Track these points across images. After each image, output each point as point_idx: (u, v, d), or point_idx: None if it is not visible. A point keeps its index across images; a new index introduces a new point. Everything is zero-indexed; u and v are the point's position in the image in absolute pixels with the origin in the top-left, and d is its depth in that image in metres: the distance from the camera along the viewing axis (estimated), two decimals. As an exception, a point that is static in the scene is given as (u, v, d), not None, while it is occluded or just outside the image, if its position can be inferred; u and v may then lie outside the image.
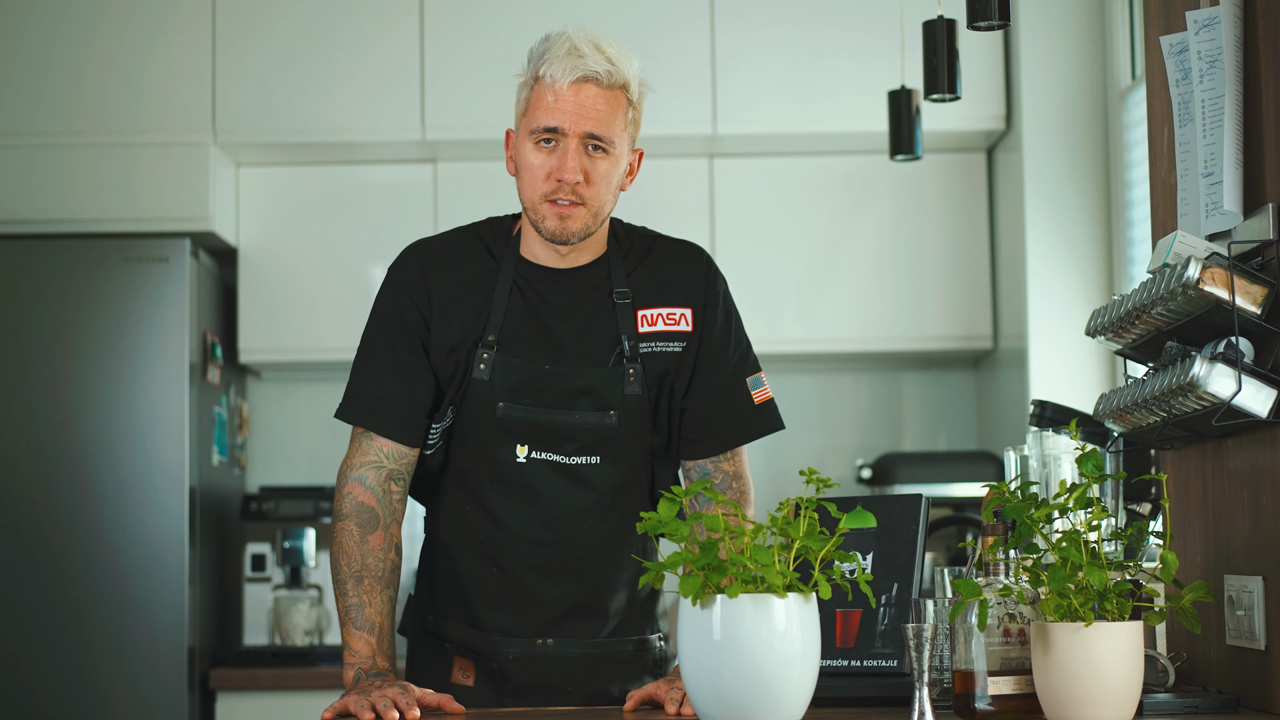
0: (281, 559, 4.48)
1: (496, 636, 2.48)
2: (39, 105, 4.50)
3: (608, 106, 2.39)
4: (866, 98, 4.36)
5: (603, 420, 2.44)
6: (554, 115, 2.38)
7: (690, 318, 2.50)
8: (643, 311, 2.48)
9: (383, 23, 4.58)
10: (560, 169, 2.38)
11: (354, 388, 2.50)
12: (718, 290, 2.54)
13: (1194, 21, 2.21)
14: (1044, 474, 2.50)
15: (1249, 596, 2.13)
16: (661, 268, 2.51)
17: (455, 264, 2.50)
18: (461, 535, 2.51)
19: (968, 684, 1.99)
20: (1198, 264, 2.08)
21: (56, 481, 4.22)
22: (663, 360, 2.47)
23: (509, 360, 2.43)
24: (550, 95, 2.38)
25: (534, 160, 2.40)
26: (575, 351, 2.46)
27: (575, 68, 2.37)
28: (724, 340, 2.54)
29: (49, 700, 4.16)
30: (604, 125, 2.39)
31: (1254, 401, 2.05)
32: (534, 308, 2.47)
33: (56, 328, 4.26)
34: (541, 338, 2.46)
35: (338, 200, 4.69)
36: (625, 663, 2.53)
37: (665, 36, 4.55)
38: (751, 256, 4.64)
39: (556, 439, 2.45)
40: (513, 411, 2.43)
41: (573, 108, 2.37)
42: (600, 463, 2.46)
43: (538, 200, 2.41)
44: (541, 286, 2.47)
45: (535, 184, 2.40)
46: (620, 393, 2.44)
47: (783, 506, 1.92)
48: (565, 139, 2.38)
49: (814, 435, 4.96)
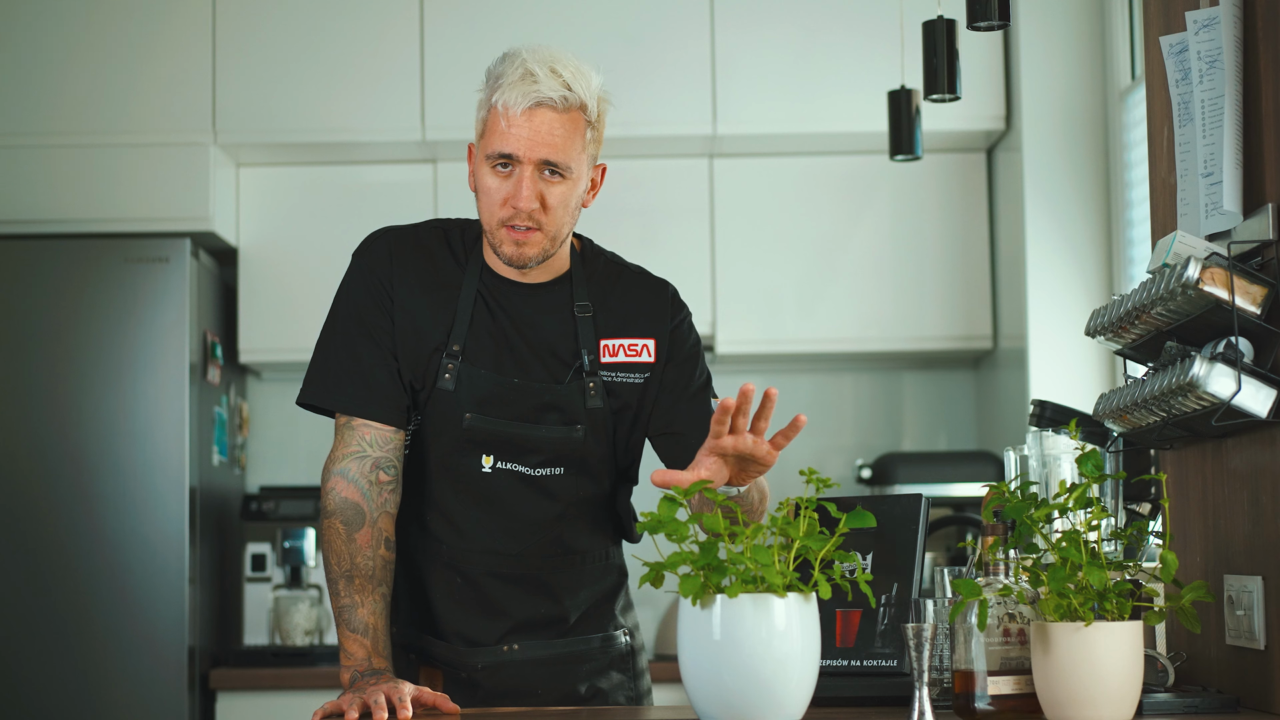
0: (281, 559, 4.49)
1: (462, 647, 2.46)
2: (39, 105, 4.50)
3: (564, 130, 2.33)
4: (866, 98, 4.36)
5: (570, 434, 2.42)
6: (508, 142, 2.32)
7: (653, 348, 2.47)
8: (605, 341, 2.45)
9: (383, 23, 4.58)
10: (515, 196, 2.33)
11: (320, 371, 2.46)
12: (683, 320, 2.52)
13: (1194, 22, 2.21)
14: (1044, 474, 2.50)
15: (1248, 596, 2.13)
16: (628, 299, 2.49)
17: (424, 256, 2.46)
18: (423, 545, 2.48)
19: (967, 684, 1.99)
20: (1197, 264, 2.08)
21: (57, 481, 4.22)
22: (623, 391, 2.46)
23: (475, 372, 2.41)
24: (504, 121, 2.32)
25: (490, 184, 2.36)
26: (538, 366, 2.43)
27: (528, 94, 2.31)
28: (692, 366, 2.51)
29: (49, 700, 4.16)
30: (559, 151, 2.33)
31: (1253, 401, 2.05)
32: (497, 318, 2.44)
33: (57, 328, 4.26)
34: (504, 350, 2.43)
35: (338, 200, 4.69)
36: (591, 659, 2.52)
37: (665, 36, 4.55)
38: (751, 257, 4.64)
39: (523, 450, 2.42)
40: (479, 423, 2.40)
41: (527, 134, 2.32)
42: (564, 473, 2.44)
43: (494, 225, 2.38)
44: (504, 298, 2.45)
45: (493, 209, 2.37)
46: (583, 406, 2.43)
47: (783, 506, 1.93)
48: (520, 166, 2.33)
49: (814, 435, 4.95)
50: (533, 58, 2.33)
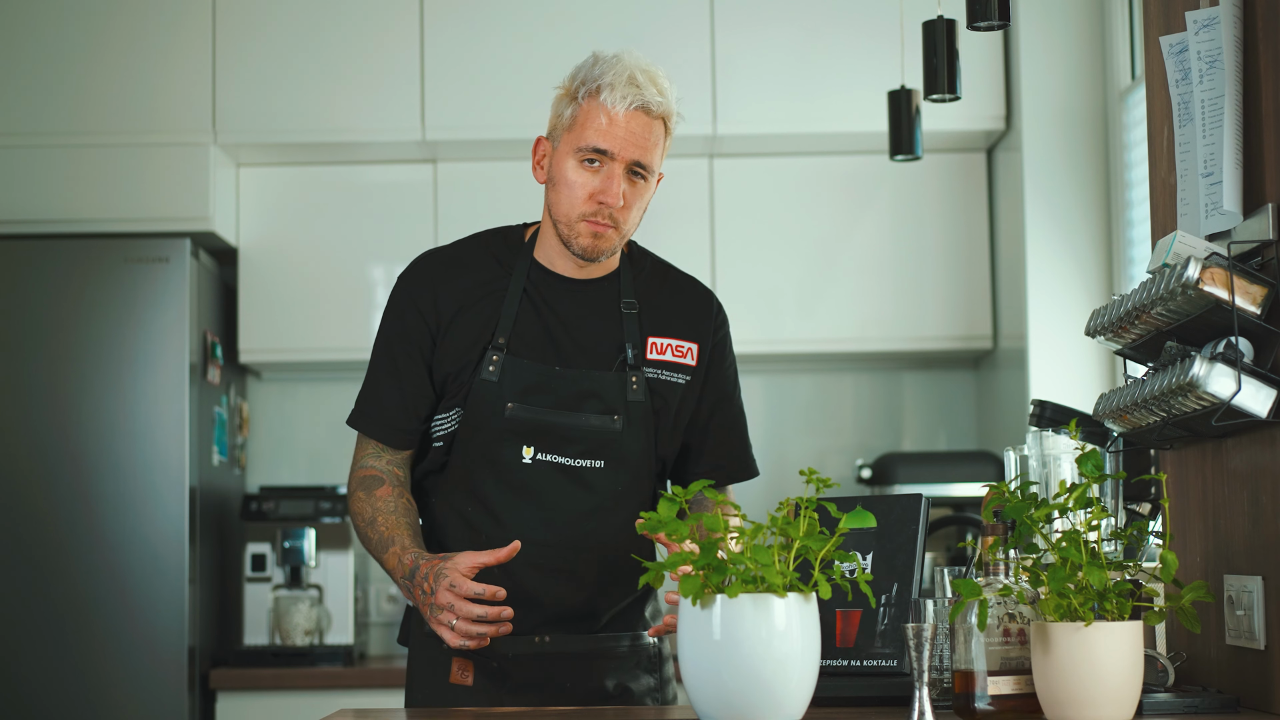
0: (281, 559, 4.48)
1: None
2: (40, 105, 4.50)
3: (654, 136, 2.47)
4: (866, 98, 4.36)
5: (608, 424, 2.49)
6: (606, 139, 2.44)
7: (696, 353, 2.57)
8: (652, 339, 2.55)
9: (383, 23, 4.58)
10: (604, 192, 2.45)
11: (360, 394, 2.62)
12: (726, 334, 2.64)
13: (1193, 22, 2.21)
14: (1044, 474, 2.50)
15: (1248, 596, 2.13)
16: (675, 300, 2.60)
17: (466, 271, 2.56)
18: (462, 536, 2.53)
19: (967, 684, 1.99)
20: (1197, 264, 2.08)
21: (57, 481, 4.22)
22: (665, 391, 2.54)
23: (518, 362, 2.49)
24: (604, 118, 2.44)
25: (576, 178, 2.47)
26: (581, 355, 2.51)
27: (633, 97, 2.44)
28: (733, 384, 2.63)
29: (49, 700, 4.16)
30: (649, 154, 2.47)
31: (1253, 401, 2.05)
32: (541, 313, 2.52)
33: (57, 328, 4.26)
34: (547, 342, 2.51)
35: (338, 200, 4.69)
36: (621, 658, 2.56)
37: (665, 36, 4.55)
38: (751, 256, 4.64)
39: (563, 441, 2.49)
40: (521, 412, 2.48)
41: (625, 134, 2.44)
42: (604, 467, 2.50)
43: (574, 218, 2.48)
44: (550, 293, 2.54)
45: (575, 202, 2.47)
46: (624, 399, 2.50)
47: (783, 506, 1.93)
48: (612, 163, 2.45)
49: (814, 435, 4.96)
50: (636, 64, 2.47)
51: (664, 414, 2.54)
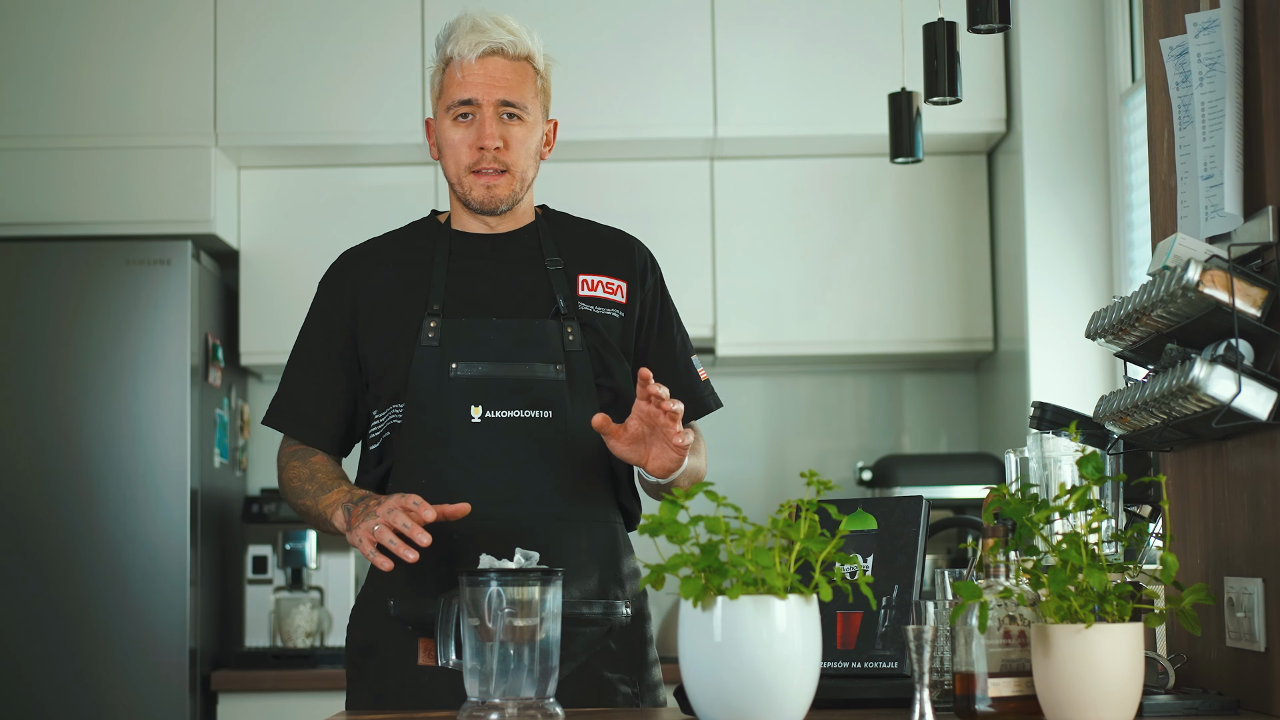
0: (283, 561, 4.48)
1: None
2: (40, 108, 4.51)
3: (516, 75, 2.55)
4: (867, 100, 4.36)
5: (551, 372, 2.52)
6: (466, 88, 2.53)
7: (625, 290, 2.62)
8: (583, 276, 2.60)
9: (384, 25, 4.58)
10: (480, 138, 2.53)
11: (275, 395, 2.69)
12: (657, 273, 2.67)
13: (1194, 24, 2.21)
14: (1044, 476, 2.50)
15: (1249, 598, 2.13)
16: (598, 243, 2.65)
17: (384, 262, 2.63)
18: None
19: (968, 686, 1.99)
20: (1198, 266, 2.08)
21: (58, 484, 4.22)
22: (604, 323, 2.57)
23: (455, 322, 2.53)
24: (460, 72, 2.54)
25: (453, 135, 2.55)
26: (515, 306, 2.56)
27: (479, 42, 2.53)
28: (666, 320, 2.66)
29: (50, 702, 4.16)
30: (514, 92, 2.54)
31: (1254, 404, 2.05)
32: (469, 271, 2.58)
33: (58, 330, 4.26)
34: (480, 296, 2.56)
35: (339, 202, 4.70)
36: (592, 624, 2.52)
37: (665, 38, 4.55)
38: (752, 259, 4.65)
39: (510, 393, 2.51)
40: (466, 370, 2.51)
41: (483, 79, 2.53)
42: (552, 418, 2.51)
43: (463, 173, 2.56)
44: (473, 250, 2.60)
45: (458, 158, 2.56)
46: (563, 348, 2.53)
47: (783, 508, 1.93)
48: (480, 109, 2.53)
49: (815, 437, 4.96)
50: (478, 13, 2.56)
51: (605, 347, 2.57)
